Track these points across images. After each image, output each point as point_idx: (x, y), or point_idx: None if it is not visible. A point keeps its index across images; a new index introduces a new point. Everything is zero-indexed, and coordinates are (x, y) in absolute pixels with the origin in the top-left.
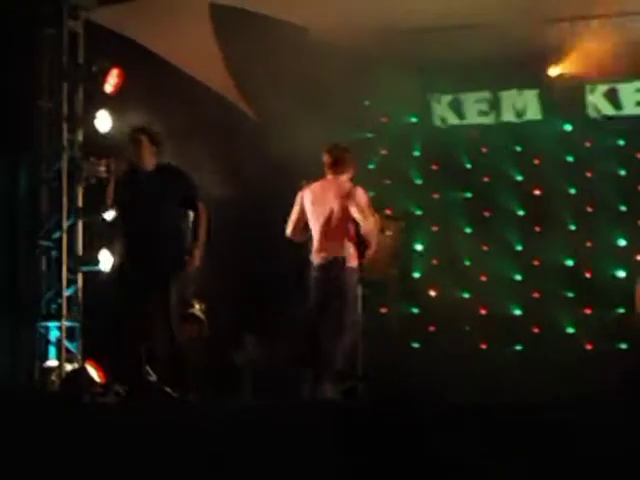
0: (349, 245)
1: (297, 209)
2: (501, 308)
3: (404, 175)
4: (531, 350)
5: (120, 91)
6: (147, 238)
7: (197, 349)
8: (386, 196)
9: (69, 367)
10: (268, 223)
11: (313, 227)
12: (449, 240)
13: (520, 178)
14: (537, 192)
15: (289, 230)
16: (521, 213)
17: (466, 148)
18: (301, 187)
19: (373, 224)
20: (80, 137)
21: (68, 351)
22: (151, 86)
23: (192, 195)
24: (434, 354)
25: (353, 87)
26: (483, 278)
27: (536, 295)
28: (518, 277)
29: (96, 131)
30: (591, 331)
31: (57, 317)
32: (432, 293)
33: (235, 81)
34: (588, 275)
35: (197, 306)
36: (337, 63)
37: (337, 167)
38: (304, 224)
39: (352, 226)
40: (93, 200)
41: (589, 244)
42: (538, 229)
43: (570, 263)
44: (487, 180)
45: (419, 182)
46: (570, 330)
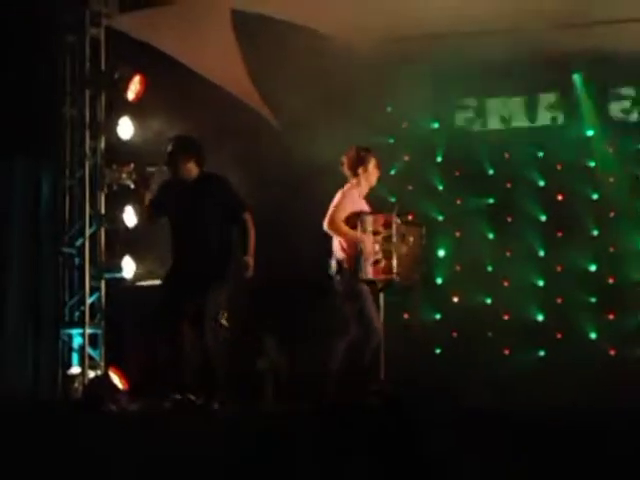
0: (345, 248)
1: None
2: (524, 314)
3: (426, 181)
4: (554, 356)
5: (142, 98)
6: (191, 249)
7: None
8: (408, 202)
9: (92, 374)
10: (290, 228)
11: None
12: (471, 246)
13: (542, 183)
14: (559, 197)
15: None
16: (543, 218)
17: (488, 154)
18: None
19: (328, 225)
20: (102, 144)
21: (91, 358)
22: (173, 93)
23: (237, 204)
24: (456, 360)
25: (375, 93)
26: (505, 284)
27: (559, 301)
28: (540, 283)
29: (118, 138)
30: (614, 337)
31: (80, 324)
32: (455, 299)
33: (257, 87)
34: (611, 280)
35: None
36: (358, 69)
37: (348, 169)
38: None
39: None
40: (115, 207)
41: (612, 249)
42: (560, 234)
43: (593, 268)
44: (509, 186)
45: (441, 188)
46: (593, 336)
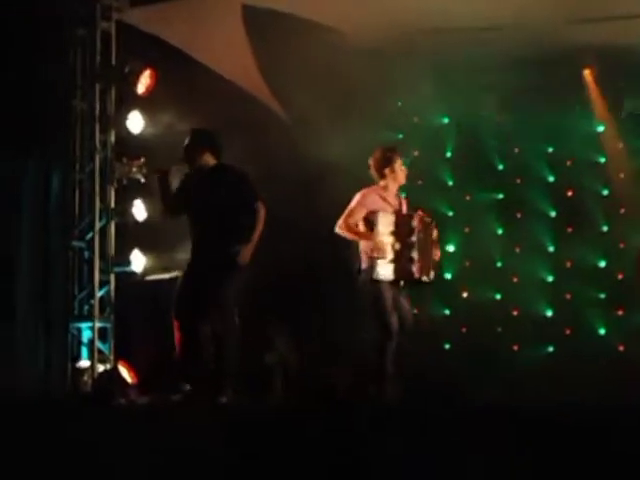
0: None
1: None
2: (533, 309)
3: (436, 176)
4: (563, 351)
5: (152, 92)
6: (208, 239)
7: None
8: (417, 197)
9: (101, 368)
10: (299, 223)
11: None
12: (481, 241)
13: (552, 179)
14: (569, 193)
15: None
16: (553, 214)
17: (498, 149)
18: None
19: (338, 228)
20: (112, 138)
21: (100, 352)
22: (183, 87)
23: (250, 194)
24: (466, 356)
25: (385, 88)
26: (515, 279)
27: (568, 296)
28: (550, 278)
29: (128, 132)
30: (623, 332)
31: (89, 318)
32: (464, 294)
33: (267, 82)
34: (620, 276)
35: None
36: (369, 64)
37: (374, 171)
38: None
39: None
40: (125, 201)
41: (621, 245)
42: (570, 230)
43: (602, 264)
44: (519, 181)
45: (451, 183)
46: (602, 331)
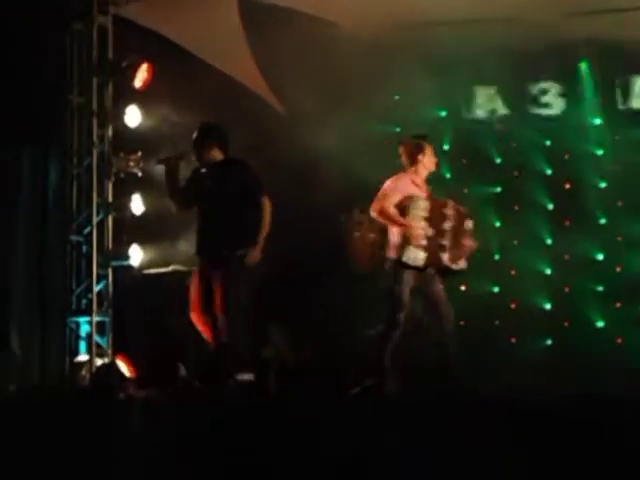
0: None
1: None
2: (531, 302)
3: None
4: (561, 344)
5: (149, 86)
6: (213, 232)
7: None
8: None
9: (99, 362)
10: (297, 217)
11: None
12: (479, 234)
13: (550, 172)
14: (567, 186)
15: None
16: (551, 207)
17: (495, 142)
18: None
19: (373, 212)
20: (110, 132)
21: (98, 346)
22: (180, 81)
23: (256, 188)
24: (463, 348)
25: (382, 81)
26: (513, 272)
27: (566, 289)
28: (548, 271)
29: (126, 126)
30: (621, 325)
31: (87, 312)
32: (462, 287)
33: (264, 75)
34: (618, 269)
35: None
36: (366, 57)
37: (405, 160)
38: None
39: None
40: (123, 195)
41: (619, 238)
42: (568, 223)
43: (600, 257)
44: (517, 174)
45: (448, 176)
46: (600, 324)
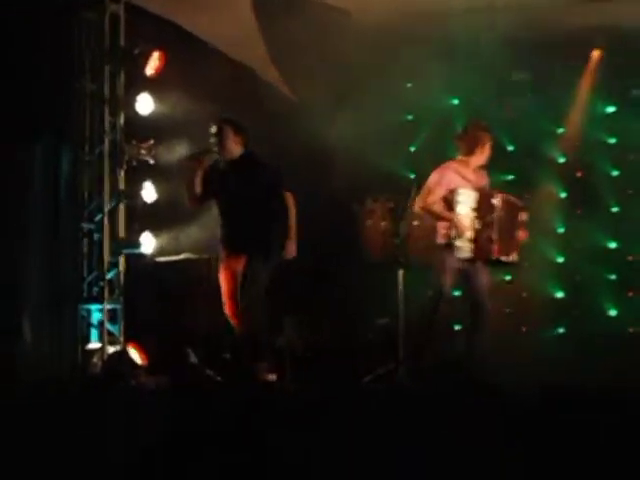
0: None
1: None
2: (543, 291)
3: (446, 158)
4: (573, 333)
5: (161, 74)
6: (242, 228)
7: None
8: (427, 178)
9: (111, 349)
10: (310, 206)
11: None
12: None
13: (562, 160)
14: (579, 174)
15: None
16: (563, 195)
17: (508, 130)
18: None
19: (417, 206)
20: (122, 120)
21: (110, 334)
22: (192, 69)
23: (278, 183)
24: None
25: (394, 69)
26: (525, 261)
27: (578, 278)
28: (560, 259)
29: (137, 114)
30: (634, 314)
31: (99, 300)
32: None
33: (276, 63)
34: (630, 258)
35: None
36: (378, 45)
37: (462, 147)
38: None
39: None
40: (135, 183)
41: (632, 226)
42: (580, 211)
43: (612, 245)
44: (529, 162)
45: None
46: (612, 313)
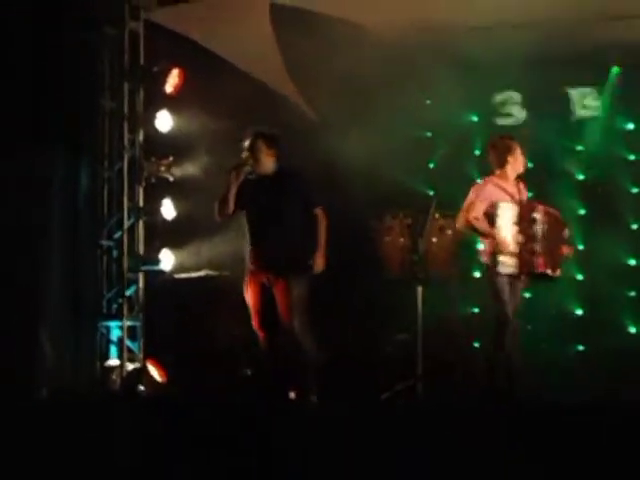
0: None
1: None
2: (563, 307)
3: (464, 174)
4: (592, 349)
5: (180, 91)
6: (274, 244)
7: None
8: (446, 195)
9: (130, 366)
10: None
11: None
12: None
13: (582, 177)
14: (598, 191)
15: None
16: (582, 212)
17: (527, 147)
18: None
19: (459, 225)
20: (141, 137)
21: (129, 350)
22: (211, 86)
23: (311, 200)
24: None
25: (413, 86)
26: None
27: (597, 294)
28: (580, 276)
29: (157, 131)
30: None
31: (118, 316)
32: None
33: (294, 80)
34: None
35: None
36: (396, 61)
37: (493, 161)
38: None
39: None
40: (154, 200)
41: None
42: (600, 228)
43: (632, 262)
44: (548, 179)
45: (479, 181)
46: (632, 330)
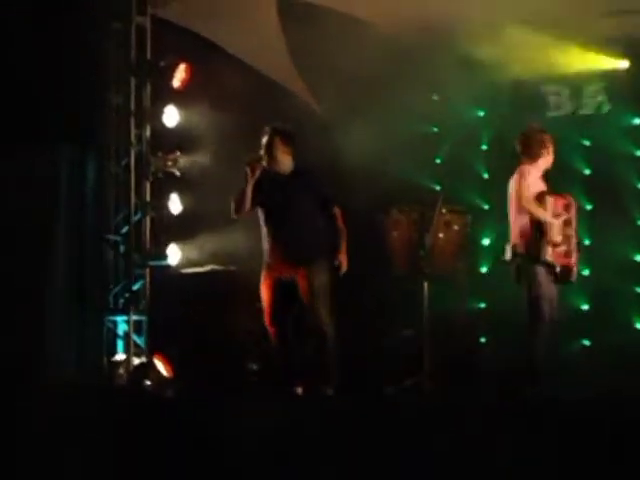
0: (522, 232)
1: None
2: (569, 303)
3: (471, 169)
4: (599, 345)
5: (187, 86)
6: (286, 240)
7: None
8: (453, 190)
9: (137, 361)
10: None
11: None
12: None
13: (588, 172)
14: (606, 187)
15: None
16: (589, 207)
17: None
18: None
19: (525, 202)
20: (148, 132)
21: (136, 345)
22: (218, 81)
23: (329, 198)
24: (501, 349)
25: (420, 81)
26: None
27: (604, 290)
28: (586, 272)
29: (164, 126)
30: None
31: (125, 311)
32: (500, 288)
33: (301, 75)
34: None
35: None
36: (403, 57)
37: (524, 153)
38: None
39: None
40: (161, 195)
41: None
42: (606, 224)
43: (638, 258)
44: (555, 174)
45: (486, 176)
46: (638, 325)
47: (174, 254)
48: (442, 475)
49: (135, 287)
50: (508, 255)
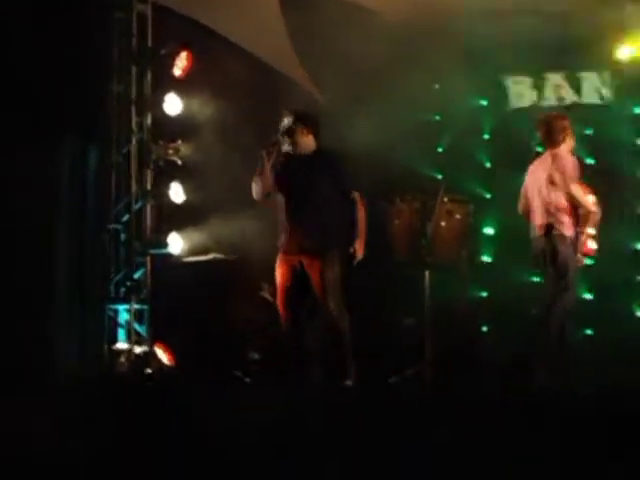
0: (561, 215)
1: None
2: None
3: (473, 158)
4: (601, 334)
5: (189, 74)
6: (304, 226)
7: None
8: (455, 179)
9: (138, 349)
10: None
11: (533, 203)
12: (519, 223)
13: (590, 161)
14: (607, 175)
15: (519, 207)
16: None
17: (536, 132)
18: None
19: (574, 191)
20: (149, 120)
21: (137, 334)
22: (219, 69)
23: (349, 183)
24: (503, 338)
25: (422, 69)
26: None
27: (606, 279)
28: (588, 261)
29: (165, 114)
30: None
31: (126, 300)
32: (502, 277)
33: (303, 63)
34: None
35: (266, 287)
36: (406, 45)
37: (547, 139)
38: (525, 201)
39: (563, 195)
40: (162, 183)
41: None
42: (608, 213)
43: None
44: None
45: (488, 165)
46: None
47: (175, 242)
48: (444, 466)
49: (136, 276)
50: (536, 233)
